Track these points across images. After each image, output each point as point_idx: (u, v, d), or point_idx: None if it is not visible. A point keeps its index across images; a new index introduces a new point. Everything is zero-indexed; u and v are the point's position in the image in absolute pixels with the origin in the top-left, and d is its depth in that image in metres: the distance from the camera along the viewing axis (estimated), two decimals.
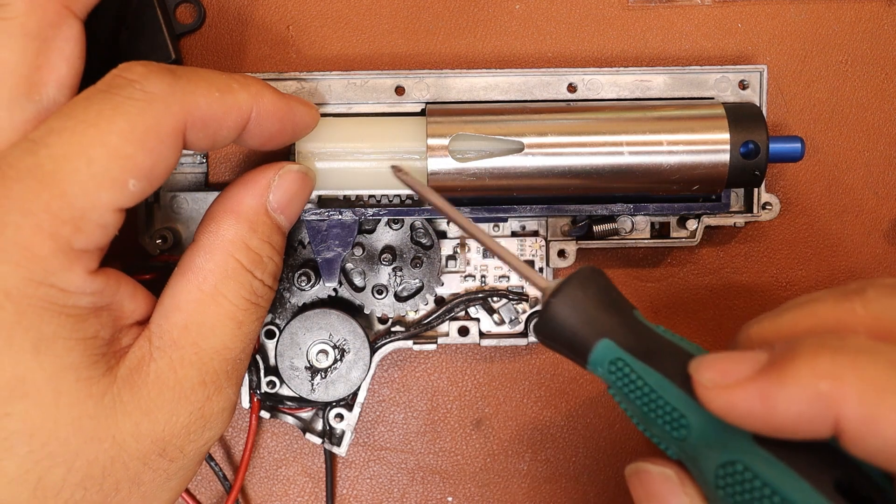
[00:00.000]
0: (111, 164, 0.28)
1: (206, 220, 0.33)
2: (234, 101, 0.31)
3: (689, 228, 0.40)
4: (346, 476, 0.44)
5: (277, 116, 0.33)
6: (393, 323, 0.41)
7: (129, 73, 0.29)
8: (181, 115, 0.29)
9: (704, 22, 0.43)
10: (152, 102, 0.29)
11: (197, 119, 0.30)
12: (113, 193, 0.28)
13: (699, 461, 0.27)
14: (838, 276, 0.44)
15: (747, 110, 0.37)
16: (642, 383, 0.28)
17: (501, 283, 0.41)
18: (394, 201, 0.40)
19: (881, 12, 0.43)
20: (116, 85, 0.29)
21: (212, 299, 0.31)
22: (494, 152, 0.37)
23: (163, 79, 0.29)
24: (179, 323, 0.31)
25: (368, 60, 0.42)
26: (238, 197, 0.33)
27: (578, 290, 0.29)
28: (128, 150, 0.28)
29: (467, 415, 0.44)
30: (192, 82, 0.30)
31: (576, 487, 0.44)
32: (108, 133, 0.28)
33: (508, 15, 0.43)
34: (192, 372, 0.31)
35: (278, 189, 0.34)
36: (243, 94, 0.31)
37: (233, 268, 0.32)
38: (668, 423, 0.27)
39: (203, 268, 0.32)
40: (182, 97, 0.29)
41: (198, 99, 0.30)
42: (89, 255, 0.28)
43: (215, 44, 0.42)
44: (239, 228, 0.32)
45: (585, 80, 0.40)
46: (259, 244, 0.33)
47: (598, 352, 0.29)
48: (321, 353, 0.39)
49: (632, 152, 0.37)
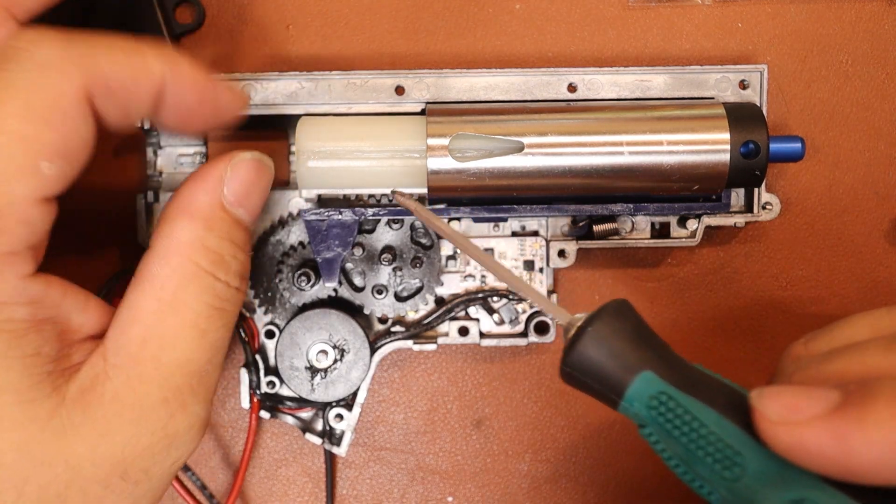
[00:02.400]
0: (14, 150, 0.25)
1: (160, 224, 0.30)
2: (144, 64, 0.28)
3: (690, 228, 0.40)
4: (346, 476, 0.44)
5: (196, 89, 0.30)
6: (393, 323, 0.41)
7: (17, 40, 0.26)
8: (82, 80, 0.26)
9: (704, 22, 0.43)
10: (46, 71, 0.26)
11: (101, 85, 0.27)
12: (27, 183, 0.25)
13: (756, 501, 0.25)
14: (838, 276, 0.44)
15: (748, 110, 0.37)
16: (690, 418, 0.26)
17: (501, 283, 0.41)
18: (394, 201, 0.39)
19: (881, 12, 0.43)
20: (5, 58, 0.26)
21: (171, 308, 0.29)
22: (494, 152, 0.37)
23: (54, 42, 0.26)
24: (137, 336, 0.28)
25: (368, 60, 0.42)
26: (191, 195, 0.30)
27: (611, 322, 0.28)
28: (29, 131, 0.25)
29: (467, 415, 0.44)
30: (91, 45, 0.27)
31: (576, 487, 0.44)
32: (3, 117, 0.25)
33: (508, 15, 0.43)
34: (153, 389, 0.28)
35: (233, 181, 0.31)
36: (154, 58, 0.28)
37: (191, 272, 0.29)
38: (718, 461, 0.25)
39: (159, 275, 0.29)
40: (80, 61, 0.26)
41: (99, 62, 0.27)
42: (19, 257, 0.26)
43: (215, 44, 0.42)
44: (194, 228, 0.30)
45: (585, 80, 0.40)
46: (218, 242, 0.30)
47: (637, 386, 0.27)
48: (321, 353, 0.39)
49: (632, 152, 0.37)
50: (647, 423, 0.27)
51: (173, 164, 0.41)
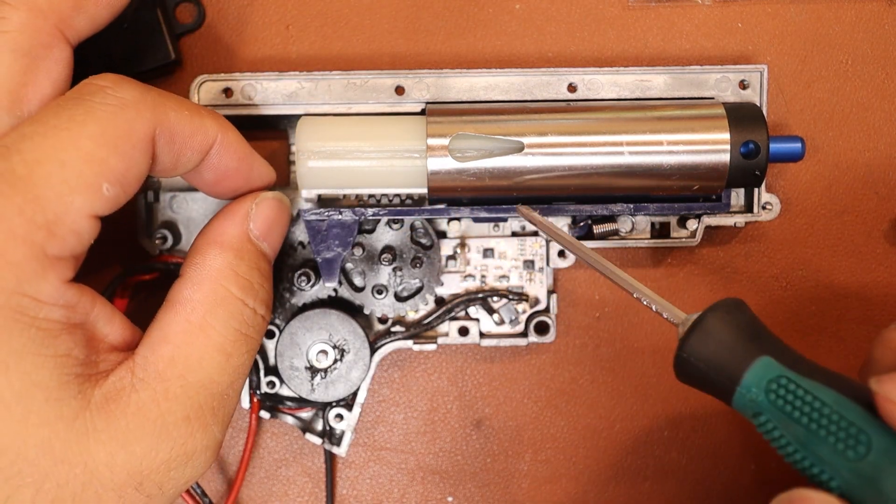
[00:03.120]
0: (84, 167, 0.27)
1: (190, 254, 0.33)
2: (202, 123, 0.31)
3: (690, 228, 0.40)
4: (346, 476, 0.44)
5: (238, 154, 0.33)
6: (393, 323, 0.41)
7: (101, 80, 0.29)
8: (152, 122, 0.29)
9: (704, 22, 0.43)
10: (124, 107, 0.28)
11: (166, 130, 0.30)
12: (87, 198, 0.27)
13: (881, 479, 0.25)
14: (838, 276, 0.44)
15: (747, 110, 0.37)
16: (811, 398, 0.27)
17: (501, 283, 0.41)
18: (394, 201, 0.40)
19: (881, 12, 0.43)
20: (88, 91, 0.29)
21: (200, 330, 0.31)
22: (494, 152, 0.37)
23: (135, 86, 0.29)
24: (166, 355, 0.30)
25: (368, 60, 0.42)
26: (220, 228, 0.33)
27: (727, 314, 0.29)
28: (100, 154, 0.28)
29: (467, 415, 0.44)
30: (164, 95, 0.30)
31: (576, 487, 0.44)
32: (80, 137, 0.27)
33: (508, 15, 0.43)
34: (177, 406, 0.30)
35: (258, 217, 0.34)
36: (211, 120, 0.32)
37: (222, 296, 0.31)
38: (842, 440, 0.26)
39: (191, 299, 0.31)
40: (154, 105, 0.29)
41: (168, 111, 0.30)
42: (63, 263, 0.27)
43: (215, 44, 0.42)
44: (225, 256, 0.32)
45: (585, 80, 0.40)
46: (248, 270, 0.32)
47: (755, 371, 0.28)
48: (321, 353, 0.39)
49: (632, 152, 0.37)
50: (764, 410, 0.28)
51: None
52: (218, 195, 0.35)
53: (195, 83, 0.39)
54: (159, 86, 0.42)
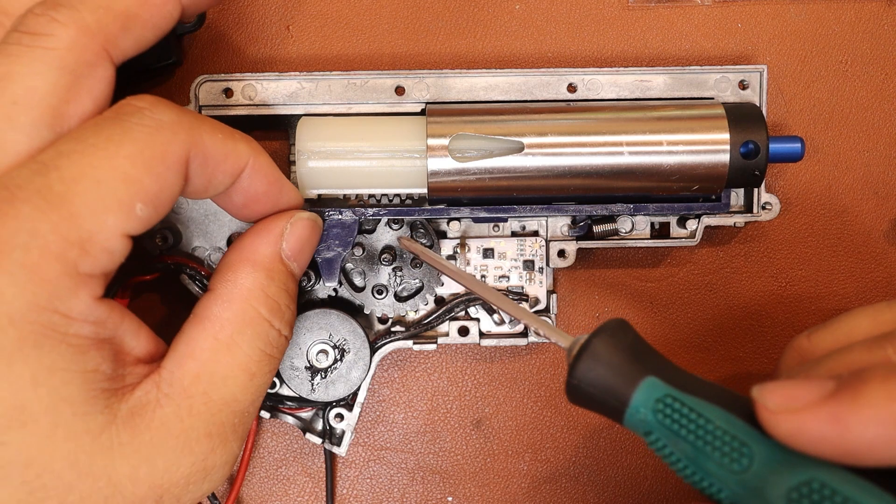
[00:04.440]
0: (119, 186, 0.27)
1: (221, 270, 0.33)
2: (235, 147, 0.32)
3: (689, 228, 0.40)
4: (346, 476, 0.44)
5: (269, 179, 0.33)
6: (393, 323, 0.41)
7: (139, 101, 0.30)
8: (187, 144, 0.29)
9: (704, 22, 0.43)
10: (160, 129, 0.29)
11: (200, 153, 0.30)
12: (120, 217, 0.28)
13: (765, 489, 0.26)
14: (838, 276, 0.44)
15: (747, 110, 0.37)
16: (696, 416, 0.27)
17: (501, 283, 0.41)
18: (394, 201, 0.40)
19: (881, 12, 0.43)
20: (125, 112, 0.29)
21: (227, 349, 0.31)
22: (494, 152, 0.37)
23: (171, 109, 0.30)
24: (192, 371, 0.30)
25: (368, 60, 0.42)
26: (253, 245, 0.33)
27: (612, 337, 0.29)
28: (135, 174, 0.28)
29: (467, 415, 0.44)
30: (199, 118, 0.30)
31: (576, 487, 0.44)
32: (116, 156, 0.28)
33: (508, 15, 0.43)
34: (200, 422, 0.30)
35: (291, 236, 0.34)
36: (244, 144, 0.32)
37: (251, 317, 0.32)
38: (726, 454, 0.27)
39: (220, 317, 0.31)
40: (189, 128, 0.30)
41: (203, 134, 0.30)
42: (95, 280, 0.28)
43: (215, 44, 0.42)
44: (257, 276, 0.32)
45: (585, 80, 0.40)
46: (277, 292, 0.33)
47: (642, 391, 0.28)
48: (321, 353, 0.39)
49: (632, 152, 0.37)
50: (653, 429, 0.28)
51: None
52: (244, 218, 0.35)
53: (195, 83, 0.39)
54: (159, 86, 0.42)
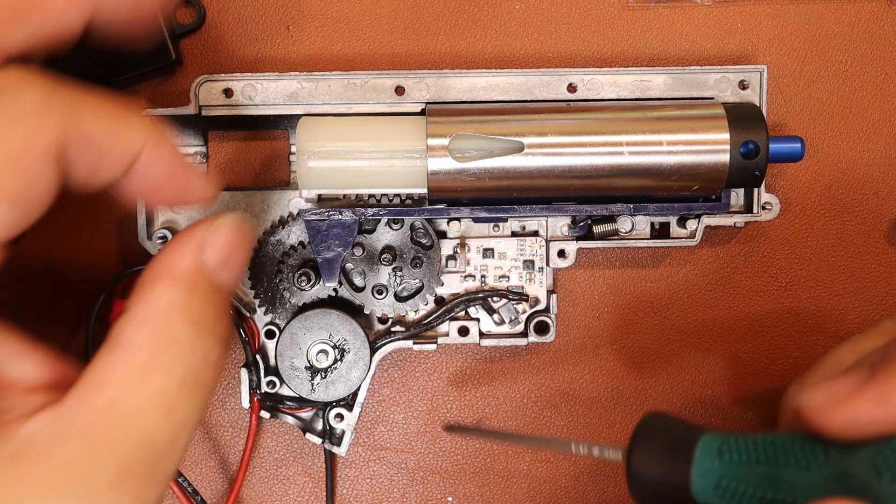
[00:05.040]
0: None
1: (136, 289, 0.28)
2: (126, 130, 0.27)
3: (689, 228, 0.40)
4: (346, 476, 0.44)
5: (170, 168, 0.29)
6: (393, 323, 0.41)
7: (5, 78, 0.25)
8: (59, 132, 0.25)
9: (704, 22, 0.43)
10: (23, 116, 0.25)
11: (78, 142, 0.26)
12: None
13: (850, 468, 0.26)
14: (838, 276, 0.44)
15: (747, 110, 0.37)
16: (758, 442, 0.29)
17: (501, 283, 0.41)
18: (394, 201, 0.40)
19: (881, 12, 0.43)
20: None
21: (141, 377, 0.26)
22: (494, 152, 0.37)
23: (39, 89, 0.25)
24: (100, 404, 0.26)
25: (368, 60, 0.42)
26: (171, 258, 0.28)
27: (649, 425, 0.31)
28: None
29: (467, 415, 0.44)
30: (77, 98, 0.26)
31: (576, 487, 0.44)
32: None
33: (508, 15, 0.43)
34: (107, 464, 0.25)
35: (214, 245, 0.29)
36: (138, 127, 0.28)
37: (168, 339, 0.27)
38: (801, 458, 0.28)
39: (133, 341, 0.26)
40: (62, 111, 0.25)
41: (80, 118, 0.26)
42: None
43: (215, 44, 0.42)
44: (175, 293, 0.27)
45: (585, 80, 0.40)
46: (201, 308, 0.28)
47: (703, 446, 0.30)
48: (321, 353, 0.39)
49: (632, 152, 0.37)
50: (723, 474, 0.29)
51: None
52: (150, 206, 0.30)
53: (195, 83, 0.39)
54: (159, 86, 0.42)
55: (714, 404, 0.44)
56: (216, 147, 0.42)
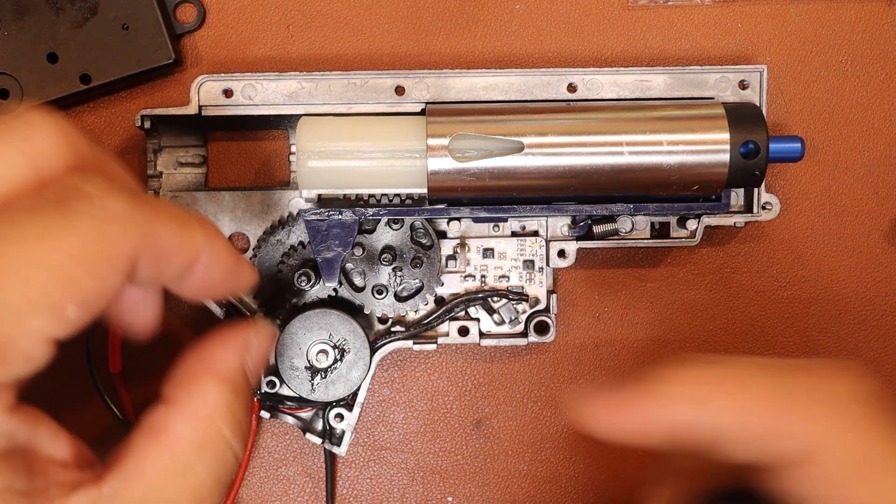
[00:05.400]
0: (52, 286, 0.24)
1: (183, 378, 0.29)
2: (191, 237, 0.28)
3: (689, 228, 0.40)
4: (346, 476, 0.44)
5: (225, 265, 0.30)
6: (393, 323, 0.41)
7: (88, 184, 0.26)
8: (138, 240, 0.26)
9: (704, 22, 0.43)
10: (110, 223, 0.25)
11: (151, 248, 0.27)
12: (47, 320, 0.24)
13: None
14: (838, 276, 0.44)
15: (747, 110, 0.37)
16: None
17: (501, 283, 0.41)
18: (394, 201, 0.40)
19: (881, 12, 0.43)
20: (73, 197, 0.25)
21: (182, 471, 0.27)
22: (494, 152, 0.37)
23: (124, 199, 0.26)
24: (139, 490, 0.27)
25: (368, 60, 0.42)
26: (219, 356, 0.30)
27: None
28: (73, 273, 0.24)
29: (467, 415, 0.44)
30: (155, 209, 0.27)
31: (576, 487, 0.44)
32: (53, 251, 0.24)
33: (508, 15, 0.43)
34: None
35: (257, 349, 0.31)
36: (200, 232, 0.29)
37: (213, 438, 0.28)
38: None
39: (180, 434, 0.28)
40: (142, 222, 0.26)
41: (157, 228, 0.27)
42: (7, 389, 0.25)
43: (215, 44, 0.42)
44: (223, 392, 0.29)
45: (585, 80, 0.40)
46: (241, 409, 0.30)
47: None
48: (321, 353, 0.39)
49: (632, 152, 0.37)
50: None
51: (173, 164, 0.41)
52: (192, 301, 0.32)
53: (195, 83, 0.39)
54: (159, 86, 0.42)
55: None
56: (216, 147, 0.42)
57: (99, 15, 0.40)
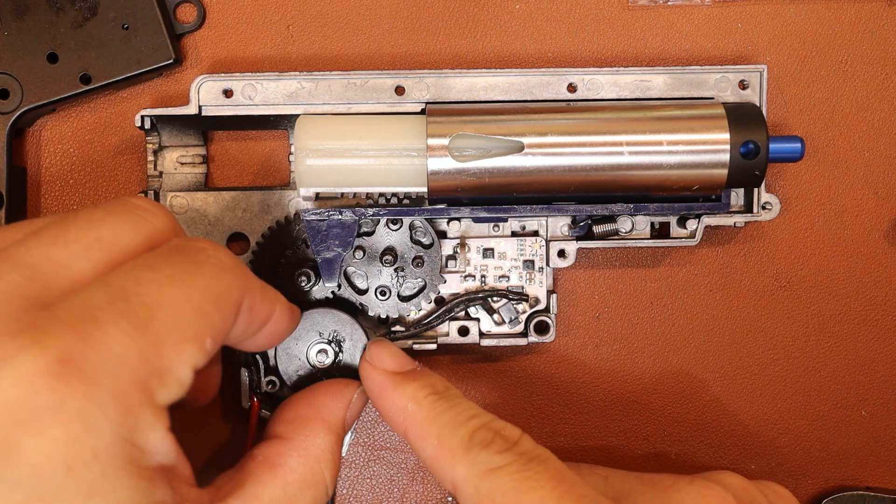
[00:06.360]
0: (195, 319, 0.27)
1: (297, 420, 0.34)
2: (273, 293, 0.32)
3: (689, 228, 0.40)
4: (346, 476, 0.44)
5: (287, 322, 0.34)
6: (393, 323, 0.41)
7: (198, 242, 0.30)
8: (243, 288, 0.30)
9: (704, 22, 0.43)
10: (226, 269, 0.29)
11: (249, 298, 0.30)
12: (195, 349, 0.27)
13: None
14: (838, 276, 0.44)
15: (747, 110, 0.37)
16: None
17: (501, 283, 0.41)
18: (392, 201, 0.40)
19: (881, 12, 0.43)
20: (191, 248, 0.29)
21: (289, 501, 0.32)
22: (494, 152, 0.37)
23: (229, 252, 0.30)
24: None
25: (368, 60, 0.42)
26: (329, 406, 0.35)
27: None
28: (207, 309, 0.28)
29: None
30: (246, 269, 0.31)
31: None
32: (192, 289, 0.27)
33: (508, 15, 0.43)
34: None
35: (355, 406, 0.36)
36: (274, 290, 0.33)
37: (318, 478, 0.33)
38: None
39: (294, 469, 0.32)
40: (244, 273, 0.30)
41: (252, 280, 0.31)
42: (166, 412, 0.27)
43: (216, 44, 0.42)
44: (329, 439, 0.34)
45: (585, 80, 0.40)
46: (338, 457, 0.34)
47: None
48: (321, 352, 0.39)
49: (632, 152, 0.37)
50: None
51: (173, 164, 0.41)
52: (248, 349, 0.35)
53: (195, 83, 0.39)
54: (159, 86, 0.42)
55: (714, 404, 0.44)
56: (216, 147, 0.42)
57: (99, 15, 0.40)
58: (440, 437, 0.33)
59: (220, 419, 0.43)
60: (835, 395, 0.44)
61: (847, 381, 0.44)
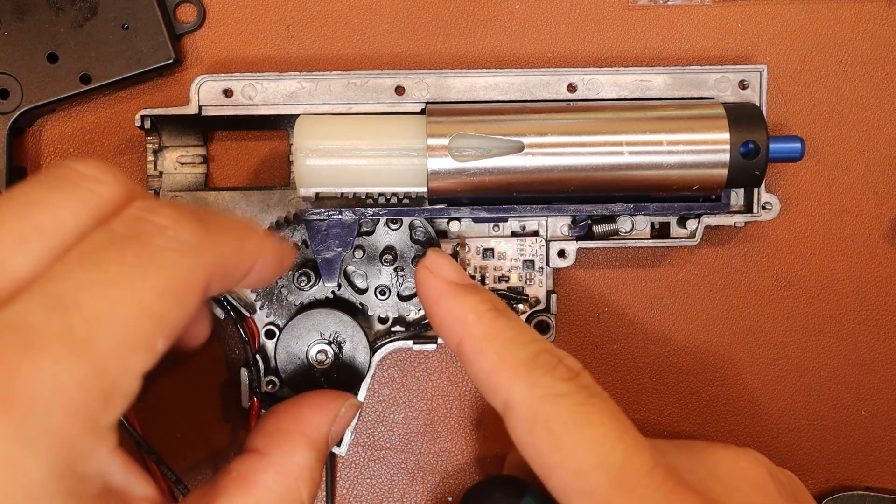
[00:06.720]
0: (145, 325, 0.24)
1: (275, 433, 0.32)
2: (249, 249, 0.29)
3: (689, 228, 0.40)
4: (346, 476, 0.44)
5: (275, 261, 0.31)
6: (393, 323, 0.41)
7: (157, 216, 0.26)
8: (211, 266, 0.27)
9: (704, 22, 0.43)
10: (187, 254, 0.26)
11: (220, 269, 0.27)
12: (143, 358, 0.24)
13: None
14: (838, 276, 0.44)
15: (747, 110, 0.37)
16: None
17: (501, 283, 0.41)
18: (391, 201, 0.40)
19: (881, 12, 0.43)
20: (146, 231, 0.26)
21: None
22: (494, 152, 0.37)
23: (193, 226, 0.26)
24: None
25: (368, 60, 0.42)
26: (311, 421, 0.33)
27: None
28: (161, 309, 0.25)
29: (467, 415, 0.44)
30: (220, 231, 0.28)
31: None
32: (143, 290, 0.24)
33: (508, 15, 0.43)
34: None
35: (342, 420, 0.34)
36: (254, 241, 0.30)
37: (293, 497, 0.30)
38: None
39: (269, 488, 0.30)
40: (212, 247, 0.27)
41: (224, 249, 0.27)
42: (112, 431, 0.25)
43: (215, 44, 0.42)
44: (310, 456, 0.32)
45: (585, 80, 0.40)
46: (320, 475, 0.32)
47: None
48: (321, 352, 0.39)
49: (632, 152, 0.37)
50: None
51: (173, 164, 0.41)
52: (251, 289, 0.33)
53: (195, 83, 0.39)
54: (159, 86, 0.42)
55: (714, 404, 0.44)
56: (216, 147, 0.42)
57: (99, 15, 0.40)
58: (500, 353, 0.31)
59: (220, 419, 0.43)
60: (835, 395, 0.44)
61: (847, 381, 0.44)
